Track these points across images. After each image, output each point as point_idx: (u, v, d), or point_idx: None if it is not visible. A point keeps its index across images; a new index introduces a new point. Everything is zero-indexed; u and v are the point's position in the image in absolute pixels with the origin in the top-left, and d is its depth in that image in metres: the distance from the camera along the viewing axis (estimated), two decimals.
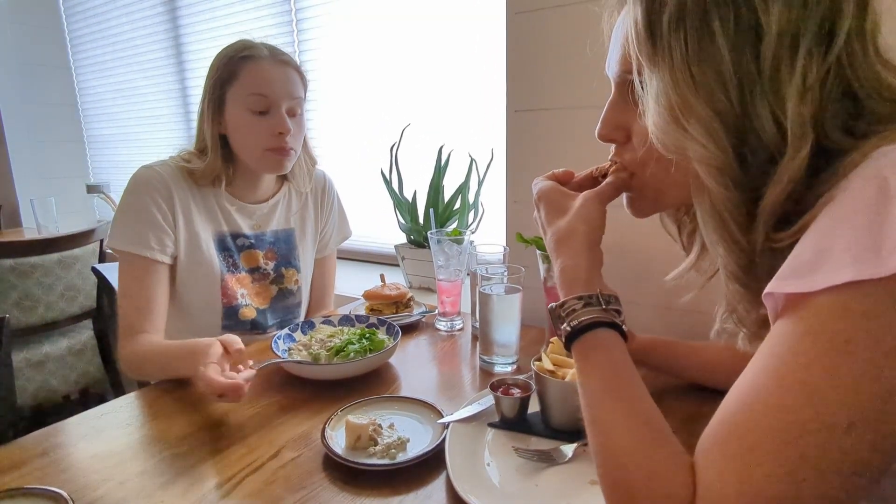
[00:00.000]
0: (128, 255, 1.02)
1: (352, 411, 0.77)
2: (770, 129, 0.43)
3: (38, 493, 0.59)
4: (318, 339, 0.96)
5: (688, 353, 0.85)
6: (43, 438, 0.74)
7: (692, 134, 0.45)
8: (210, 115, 1.06)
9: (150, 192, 1.03)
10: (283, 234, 1.21)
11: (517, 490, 0.62)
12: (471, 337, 1.11)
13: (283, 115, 1.05)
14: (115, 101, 2.77)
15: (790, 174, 0.43)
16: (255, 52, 1.04)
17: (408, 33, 1.75)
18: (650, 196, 0.58)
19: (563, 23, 1.04)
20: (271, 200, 1.19)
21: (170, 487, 0.64)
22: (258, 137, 1.05)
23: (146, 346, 0.97)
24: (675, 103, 0.45)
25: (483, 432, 0.73)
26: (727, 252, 0.47)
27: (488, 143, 1.53)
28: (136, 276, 1.02)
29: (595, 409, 0.49)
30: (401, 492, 0.63)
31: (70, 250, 1.86)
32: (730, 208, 0.46)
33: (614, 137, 0.58)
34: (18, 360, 1.74)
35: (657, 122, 0.47)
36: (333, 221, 1.32)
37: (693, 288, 0.64)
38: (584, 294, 0.54)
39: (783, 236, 0.44)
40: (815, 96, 0.42)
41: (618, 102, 0.56)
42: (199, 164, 1.07)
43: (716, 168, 0.45)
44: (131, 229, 1.02)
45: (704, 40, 0.44)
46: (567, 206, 0.61)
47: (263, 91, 1.03)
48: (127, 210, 1.03)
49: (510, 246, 1.12)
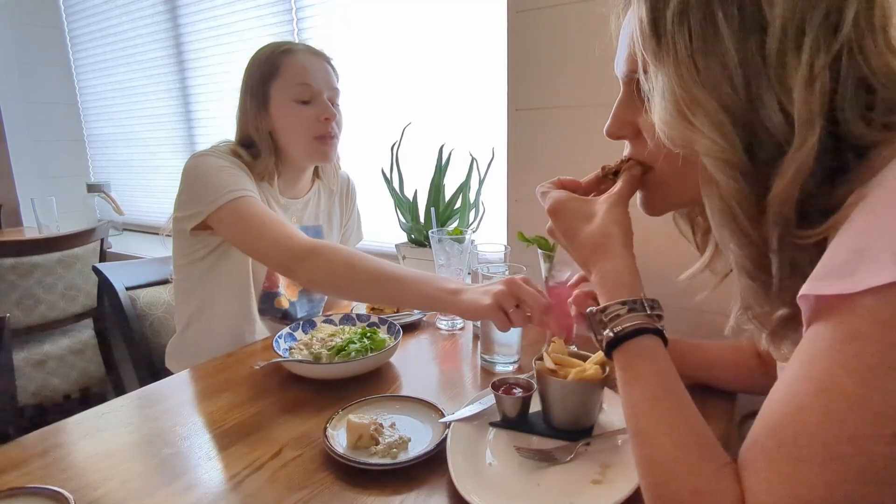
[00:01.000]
0: (234, 205, 0.98)
1: (353, 410, 0.77)
2: (777, 120, 0.43)
3: (40, 492, 0.59)
4: (319, 339, 0.96)
5: (690, 352, 0.85)
6: (44, 437, 0.74)
7: (699, 128, 0.45)
8: (256, 113, 1.10)
9: (221, 159, 1.06)
10: (313, 231, 1.26)
11: (519, 490, 0.62)
12: (472, 336, 1.11)
13: (326, 103, 1.11)
14: (116, 100, 2.77)
15: (797, 164, 0.42)
16: (293, 47, 1.11)
17: (408, 32, 1.75)
18: (663, 193, 0.58)
19: (565, 21, 1.04)
20: (305, 196, 1.25)
21: (171, 486, 0.64)
22: (305, 125, 1.10)
23: (353, 252, 0.93)
24: (680, 98, 0.45)
25: (484, 432, 0.73)
26: (738, 247, 0.47)
27: (489, 142, 1.53)
28: (255, 209, 0.99)
29: (640, 420, 0.47)
30: (402, 491, 0.62)
31: (71, 249, 1.86)
32: (740, 201, 0.45)
33: (623, 134, 0.59)
34: (19, 359, 1.75)
35: (663, 118, 0.47)
36: (353, 223, 1.39)
37: (706, 287, 0.63)
38: (629, 299, 0.52)
39: (809, 234, 0.43)
40: (824, 85, 0.42)
41: (626, 101, 0.57)
42: (249, 160, 1.11)
43: (724, 161, 0.44)
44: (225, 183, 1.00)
45: (708, 34, 0.44)
46: (591, 211, 0.60)
47: (307, 80, 1.09)
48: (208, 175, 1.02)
49: (511, 245, 1.12)
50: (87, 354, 1.96)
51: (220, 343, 1.12)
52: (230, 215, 0.99)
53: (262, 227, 0.97)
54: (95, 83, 2.84)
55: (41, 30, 2.81)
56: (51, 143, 2.88)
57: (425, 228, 1.50)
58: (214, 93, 2.32)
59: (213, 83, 2.31)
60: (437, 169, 1.51)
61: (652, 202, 0.60)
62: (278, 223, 0.98)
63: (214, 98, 2.33)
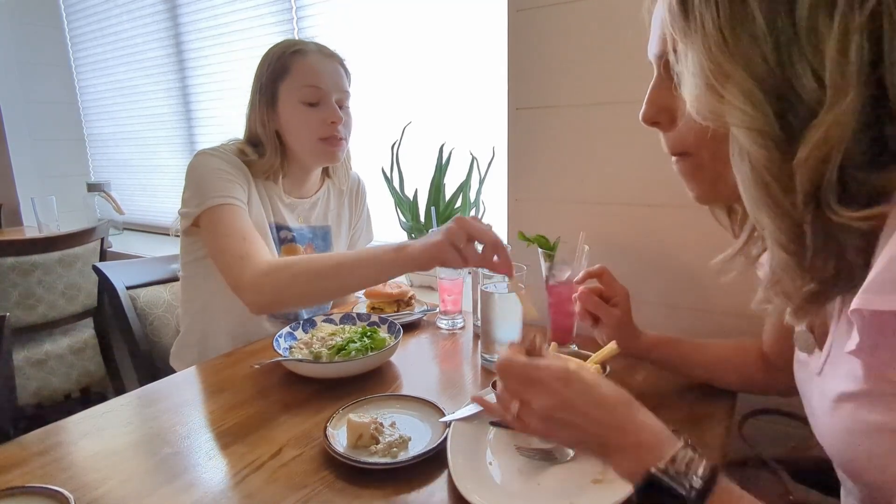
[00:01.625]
0: (222, 209, 1.00)
1: (353, 410, 0.77)
2: (811, 87, 0.41)
3: (40, 491, 0.59)
4: (319, 338, 0.96)
5: (693, 351, 0.85)
6: (44, 437, 0.74)
7: (729, 99, 0.44)
8: (264, 111, 1.10)
9: (224, 160, 1.06)
10: (321, 231, 1.25)
11: (519, 489, 0.62)
12: (472, 335, 1.11)
13: (333, 106, 1.10)
14: (116, 99, 2.77)
15: (827, 126, 0.40)
16: (305, 48, 1.10)
17: (408, 31, 1.75)
18: (708, 178, 0.55)
19: (565, 20, 1.03)
20: (314, 196, 1.24)
21: (171, 486, 0.64)
22: (311, 128, 1.09)
23: (302, 261, 0.94)
24: (709, 71, 0.44)
25: (485, 431, 0.73)
26: (772, 218, 0.45)
27: (490, 141, 1.53)
28: (229, 220, 1.00)
29: None
30: (402, 490, 0.62)
31: (71, 249, 1.86)
32: (773, 171, 0.43)
33: (658, 120, 0.57)
34: (19, 358, 1.74)
35: (693, 93, 0.46)
36: (363, 224, 1.38)
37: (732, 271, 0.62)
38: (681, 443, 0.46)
39: (851, 215, 0.40)
40: (861, 48, 0.40)
41: (660, 85, 0.55)
42: (255, 158, 1.10)
43: (756, 131, 0.43)
44: (217, 189, 1.01)
45: (736, 5, 0.43)
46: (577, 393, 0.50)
47: (315, 82, 1.08)
48: (206, 176, 1.03)
49: (512, 244, 1.12)
50: (87, 354, 1.96)
51: (223, 342, 1.12)
52: (208, 221, 1.01)
53: (227, 240, 0.97)
54: (95, 82, 2.84)
55: (41, 29, 2.81)
56: (51, 142, 2.88)
57: (426, 228, 1.50)
58: (214, 92, 2.32)
59: (213, 82, 2.31)
60: (437, 168, 1.51)
61: (697, 189, 0.57)
62: (246, 242, 0.97)
63: (214, 97, 2.33)
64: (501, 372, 0.53)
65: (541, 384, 0.50)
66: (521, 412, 0.51)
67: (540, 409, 0.49)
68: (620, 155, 1.03)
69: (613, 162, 1.04)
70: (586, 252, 0.94)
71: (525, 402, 0.51)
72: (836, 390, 0.48)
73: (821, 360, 0.53)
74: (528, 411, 0.50)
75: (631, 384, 0.87)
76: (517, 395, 0.52)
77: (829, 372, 0.51)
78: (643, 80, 0.57)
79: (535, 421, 0.49)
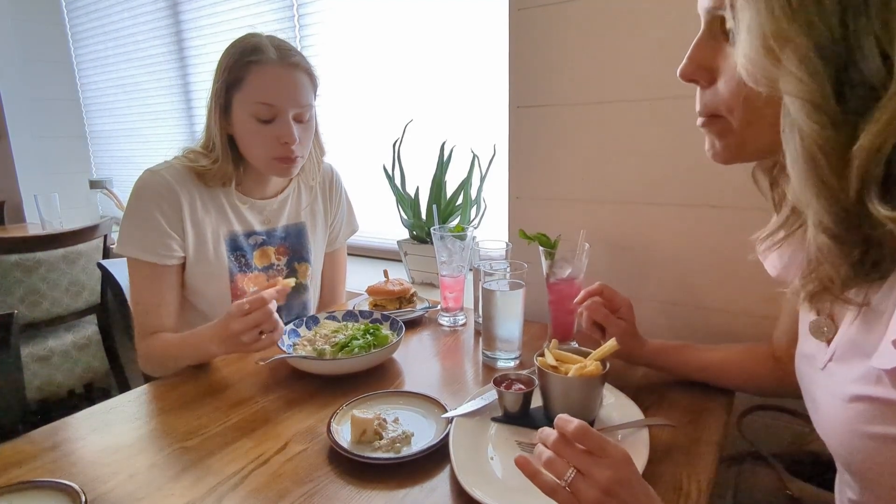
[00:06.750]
0: (136, 262, 1.02)
1: (357, 406, 0.78)
2: (875, 63, 0.39)
3: (49, 486, 0.60)
4: (322, 335, 0.97)
5: (698, 356, 0.85)
6: (53, 432, 0.75)
7: (786, 66, 0.41)
8: (217, 117, 1.04)
9: (154, 199, 1.02)
10: (294, 230, 1.21)
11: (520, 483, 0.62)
12: (473, 332, 1.12)
13: (289, 124, 1.02)
14: (117, 96, 2.78)
15: (891, 112, 0.38)
16: (262, 57, 0.99)
17: (410, 29, 1.75)
18: (735, 141, 0.53)
19: (566, 19, 1.04)
20: (281, 196, 1.19)
21: (178, 480, 0.65)
22: (263, 145, 1.03)
23: (161, 341, 1.01)
24: (768, 32, 0.42)
25: (486, 426, 0.74)
26: (818, 199, 0.42)
27: (491, 139, 1.53)
28: (144, 281, 1.03)
29: None
30: (406, 485, 0.64)
31: (74, 245, 1.87)
32: (825, 149, 0.41)
33: (697, 77, 0.54)
34: (24, 354, 1.76)
35: (748, 54, 0.44)
36: (342, 215, 1.32)
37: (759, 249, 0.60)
38: None
39: (890, 215, 0.39)
40: None
41: (706, 41, 0.52)
42: (207, 164, 1.06)
43: (810, 103, 0.40)
44: (137, 236, 1.01)
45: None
46: None
47: (269, 100, 1.00)
48: (132, 217, 1.02)
49: (513, 242, 1.13)
50: (90, 350, 1.97)
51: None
52: (129, 269, 1.05)
53: (134, 297, 1.05)
54: (97, 79, 2.85)
55: (43, 27, 2.81)
56: (53, 139, 2.89)
57: (427, 225, 1.51)
58: None
59: None
60: (438, 166, 1.52)
61: (721, 151, 0.55)
62: (146, 312, 1.04)
63: None
64: (577, 437, 0.51)
65: (611, 458, 0.50)
66: (577, 480, 0.50)
67: (604, 482, 0.48)
68: (622, 153, 1.03)
69: (614, 160, 1.04)
70: (587, 250, 0.95)
71: (587, 473, 0.50)
72: (848, 391, 0.47)
73: (826, 356, 0.52)
74: (588, 481, 0.49)
75: (631, 380, 0.88)
76: (581, 463, 0.50)
77: (838, 370, 0.50)
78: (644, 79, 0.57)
79: (594, 492, 0.48)
